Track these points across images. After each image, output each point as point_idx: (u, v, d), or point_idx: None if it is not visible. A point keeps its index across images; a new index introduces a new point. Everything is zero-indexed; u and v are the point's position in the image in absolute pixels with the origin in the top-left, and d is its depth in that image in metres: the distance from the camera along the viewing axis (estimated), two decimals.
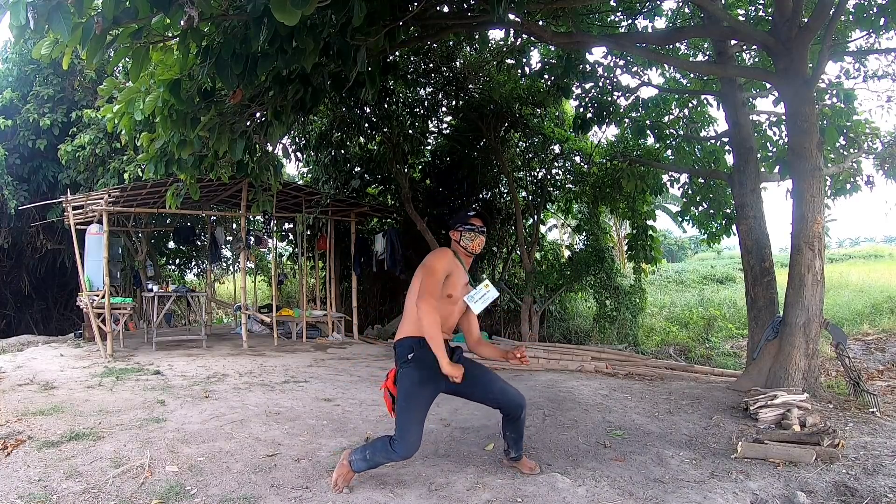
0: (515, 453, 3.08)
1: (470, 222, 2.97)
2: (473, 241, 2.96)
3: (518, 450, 3.08)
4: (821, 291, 4.69)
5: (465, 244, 2.97)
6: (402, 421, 2.72)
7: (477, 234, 2.97)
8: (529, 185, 10.81)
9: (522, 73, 8.58)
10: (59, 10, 2.17)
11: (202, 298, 10.03)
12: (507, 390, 2.96)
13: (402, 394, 2.75)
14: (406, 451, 2.71)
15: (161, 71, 3.40)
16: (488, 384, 2.93)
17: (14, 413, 4.13)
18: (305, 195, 9.31)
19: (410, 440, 2.70)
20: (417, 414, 2.74)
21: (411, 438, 2.70)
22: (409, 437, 2.69)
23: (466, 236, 2.96)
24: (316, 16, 3.01)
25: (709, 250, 22.53)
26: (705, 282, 17.69)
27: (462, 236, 2.97)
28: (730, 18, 5.54)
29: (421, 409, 2.77)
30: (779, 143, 7.27)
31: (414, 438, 2.71)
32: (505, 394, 2.94)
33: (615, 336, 9.98)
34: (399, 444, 2.70)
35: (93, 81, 9.52)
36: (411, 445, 2.71)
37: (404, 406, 2.73)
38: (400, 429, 2.71)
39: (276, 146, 5.40)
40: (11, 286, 11.68)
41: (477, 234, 2.97)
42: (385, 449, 2.74)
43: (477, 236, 2.97)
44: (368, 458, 2.79)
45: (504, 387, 2.97)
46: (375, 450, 2.78)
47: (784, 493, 2.81)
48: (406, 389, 2.74)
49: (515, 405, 2.95)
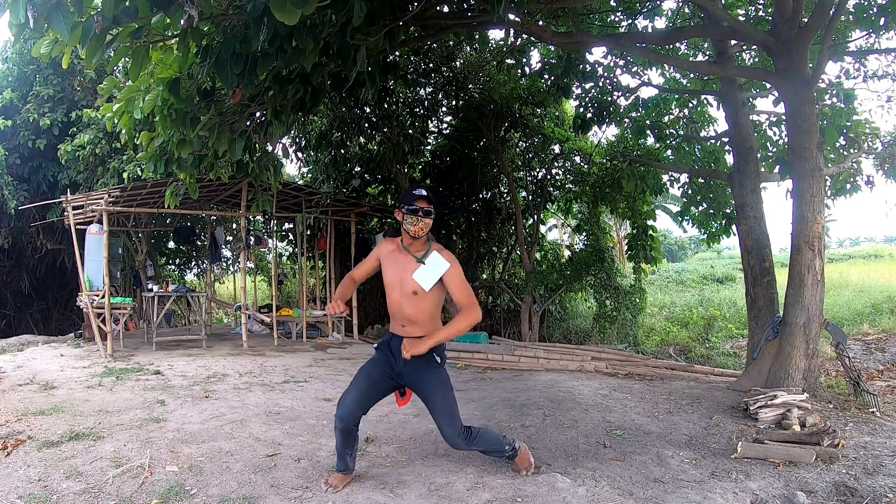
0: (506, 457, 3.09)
1: (414, 203, 2.73)
2: (416, 225, 2.73)
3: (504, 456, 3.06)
4: (821, 291, 4.69)
5: (406, 227, 2.77)
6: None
7: (420, 218, 2.72)
8: (529, 185, 10.82)
9: (522, 73, 8.59)
10: (58, 8, 2.17)
11: (202, 298, 10.03)
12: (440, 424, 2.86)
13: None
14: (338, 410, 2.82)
15: (161, 70, 3.39)
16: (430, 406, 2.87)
17: (14, 413, 4.13)
18: (305, 195, 9.31)
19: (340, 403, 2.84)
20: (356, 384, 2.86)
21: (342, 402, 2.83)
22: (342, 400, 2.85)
23: (408, 220, 2.74)
24: (316, 15, 3.01)
25: (709, 250, 22.53)
26: (705, 282, 17.69)
27: (404, 219, 2.76)
28: (730, 18, 5.54)
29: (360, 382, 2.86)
30: (779, 143, 7.27)
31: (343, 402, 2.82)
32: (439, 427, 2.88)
33: (615, 336, 9.98)
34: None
35: (93, 81, 9.52)
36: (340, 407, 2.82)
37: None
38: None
39: (276, 146, 5.40)
40: (11, 286, 11.68)
41: (420, 218, 2.72)
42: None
43: (419, 220, 2.72)
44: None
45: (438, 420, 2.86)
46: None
47: (784, 493, 2.81)
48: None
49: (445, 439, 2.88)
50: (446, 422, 2.82)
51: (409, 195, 2.77)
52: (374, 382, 2.86)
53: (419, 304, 2.79)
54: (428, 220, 2.75)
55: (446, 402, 2.83)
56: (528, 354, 6.98)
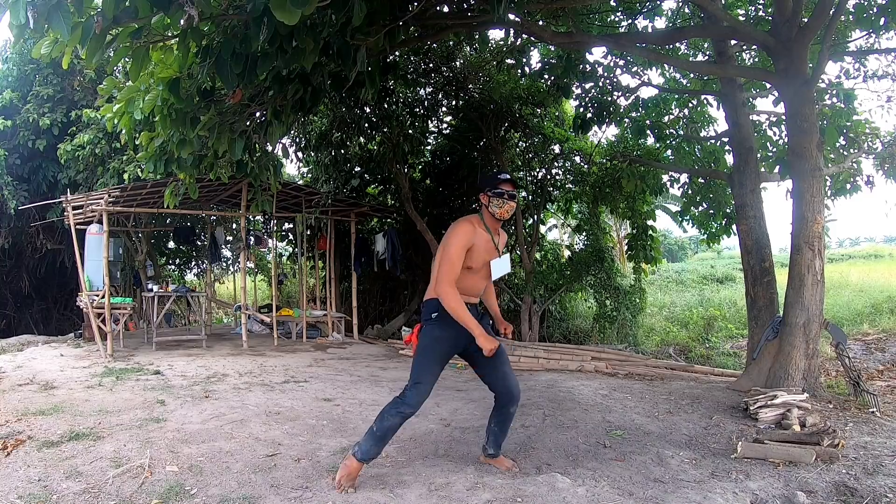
0: (493, 450, 3.12)
1: (499, 186, 2.82)
2: (502, 208, 2.84)
3: (496, 447, 3.12)
4: (821, 291, 4.69)
5: (493, 210, 2.86)
6: (416, 372, 2.83)
7: (506, 201, 2.83)
8: (529, 185, 10.81)
9: (522, 73, 8.58)
10: (58, 9, 2.17)
11: (202, 298, 10.03)
12: (508, 376, 2.99)
13: (420, 347, 2.87)
14: (416, 399, 2.78)
15: (161, 70, 3.39)
16: (496, 363, 2.94)
17: (14, 413, 4.13)
18: (305, 195, 9.31)
19: (422, 390, 2.79)
20: (432, 366, 2.85)
21: (423, 388, 2.80)
22: (421, 387, 2.79)
23: (495, 202, 2.84)
24: (316, 15, 3.01)
25: (709, 250, 22.50)
26: (705, 282, 17.69)
27: (490, 202, 2.85)
28: (730, 18, 5.54)
29: (436, 363, 2.87)
30: (779, 143, 7.27)
31: (425, 388, 2.80)
32: (505, 379, 2.98)
33: (615, 336, 9.98)
34: (411, 393, 2.79)
35: (92, 81, 9.52)
36: (422, 395, 2.79)
37: (421, 359, 2.85)
38: (414, 379, 2.82)
39: (276, 146, 5.40)
40: (11, 286, 11.68)
41: (506, 201, 2.83)
42: (395, 405, 2.82)
43: (506, 202, 2.83)
44: (377, 430, 2.82)
45: (507, 372, 2.99)
46: (383, 417, 2.83)
47: (784, 493, 2.81)
48: (425, 344, 2.87)
49: (509, 394, 2.99)
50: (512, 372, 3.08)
51: (494, 179, 2.87)
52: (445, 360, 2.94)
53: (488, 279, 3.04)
54: (513, 203, 2.88)
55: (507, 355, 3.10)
56: (528, 354, 6.98)
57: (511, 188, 2.85)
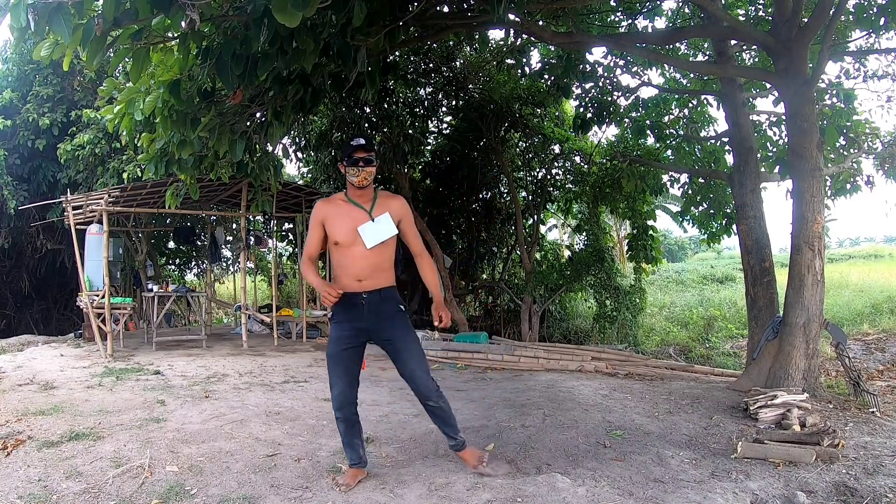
0: (451, 443, 3.05)
1: (353, 155, 2.75)
2: (358, 176, 2.76)
3: (452, 439, 3.03)
4: (821, 291, 4.69)
5: (350, 179, 2.80)
6: (329, 377, 2.88)
7: (361, 168, 2.75)
8: (529, 185, 10.82)
9: (522, 73, 8.59)
10: (59, 11, 2.17)
11: (202, 298, 10.04)
12: (415, 375, 2.87)
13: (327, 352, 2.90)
14: (337, 403, 2.84)
15: (161, 71, 3.40)
16: (404, 361, 2.86)
17: (14, 413, 4.13)
18: (305, 195, 9.31)
19: (335, 393, 2.84)
20: (337, 368, 2.83)
21: (336, 392, 2.83)
22: (335, 390, 2.84)
23: (350, 171, 2.76)
24: (316, 16, 3.01)
25: (709, 250, 22.52)
26: (705, 282, 17.69)
27: (347, 171, 2.78)
28: (730, 18, 5.54)
29: (340, 364, 2.83)
30: (779, 143, 7.27)
31: (337, 391, 2.83)
32: (412, 378, 2.88)
33: (615, 336, 9.99)
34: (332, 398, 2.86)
35: (92, 81, 9.52)
36: (338, 398, 2.83)
37: (328, 363, 2.89)
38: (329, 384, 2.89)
39: (276, 146, 5.40)
40: (11, 286, 11.69)
41: (361, 168, 2.75)
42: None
43: (361, 170, 2.75)
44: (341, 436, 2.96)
45: (414, 368, 2.87)
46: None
47: (784, 493, 2.81)
48: (328, 349, 2.89)
49: (417, 391, 2.90)
50: (422, 367, 2.86)
51: (347, 147, 2.79)
52: (350, 356, 2.84)
53: (384, 251, 2.84)
54: (370, 169, 2.78)
55: (420, 349, 2.89)
56: (528, 354, 6.98)
57: (365, 154, 2.76)
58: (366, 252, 2.78)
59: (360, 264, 2.80)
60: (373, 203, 2.85)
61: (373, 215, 2.80)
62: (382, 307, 2.84)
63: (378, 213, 2.81)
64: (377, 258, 2.81)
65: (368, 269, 2.80)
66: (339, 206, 2.85)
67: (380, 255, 2.83)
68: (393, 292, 2.90)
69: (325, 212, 2.85)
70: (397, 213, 2.88)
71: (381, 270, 2.85)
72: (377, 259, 2.82)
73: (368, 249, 2.77)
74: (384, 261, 2.86)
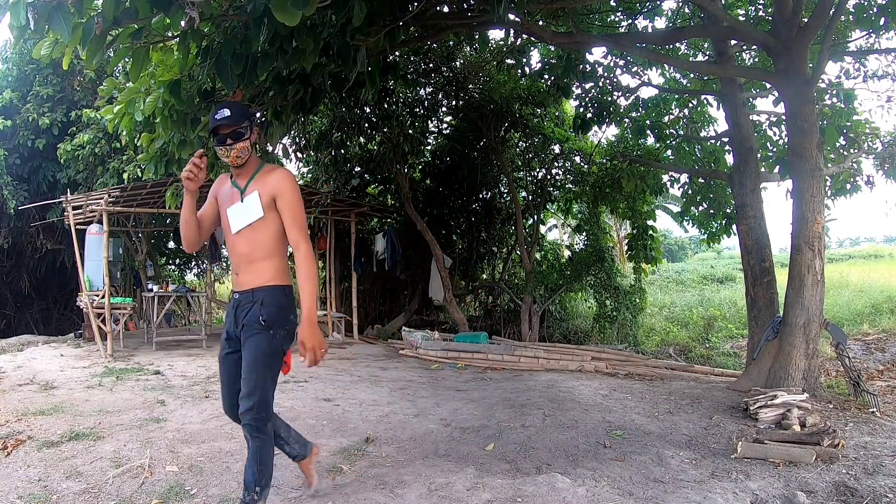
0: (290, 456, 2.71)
1: (217, 132, 2.32)
2: (227, 157, 2.34)
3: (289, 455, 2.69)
4: (821, 291, 4.69)
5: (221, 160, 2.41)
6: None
7: (228, 148, 2.31)
8: (529, 185, 10.82)
9: (522, 73, 8.58)
10: (59, 10, 2.17)
11: (202, 298, 10.03)
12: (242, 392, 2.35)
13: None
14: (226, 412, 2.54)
15: (161, 71, 3.40)
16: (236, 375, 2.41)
17: (14, 413, 4.13)
18: (305, 195, 9.30)
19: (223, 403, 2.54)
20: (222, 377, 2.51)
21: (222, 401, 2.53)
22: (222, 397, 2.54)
23: (219, 151, 2.35)
24: (316, 16, 3.01)
25: (709, 250, 22.51)
26: (705, 282, 17.67)
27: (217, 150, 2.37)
28: (730, 18, 5.54)
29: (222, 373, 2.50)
30: (779, 143, 7.27)
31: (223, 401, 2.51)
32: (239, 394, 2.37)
33: (615, 336, 9.98)
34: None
35: (92, 81, 9.52)
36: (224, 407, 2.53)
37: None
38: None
39: (276, 146, 5.41)
40: (11, 286, 11.68)
41: (228, 148, 2.31)
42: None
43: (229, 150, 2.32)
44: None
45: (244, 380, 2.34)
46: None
47: (784, 493, 2.81)
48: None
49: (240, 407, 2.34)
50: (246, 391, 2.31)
51: (211, 121, 2.34)
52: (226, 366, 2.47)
53: (256, 239, 2.35)
54: (242, 145, 2.32)
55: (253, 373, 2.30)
56: (528, 354, 6.98)
57: (231, 128, 2.29)
58: (235, 239, 2.38)
59: (233, 255, 2.42)
60: (250, 180, 2.39)
61: (244, 195, 2.36)
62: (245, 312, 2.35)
63: (250, 192, 2.36)
64: (246, 247, 2.35)
65: (240, 262, 2.39)
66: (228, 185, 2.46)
67: (249, 244, 2.35)
68: (271, 295, 2.35)
69: (217, 189, 2.49)
70: (272, 189, 2.33)
71: (254, 263, 2.35)
72: (247, 248, 2.35)
73: (235, 235, 2.37)
74: (257, 251, 2.35)
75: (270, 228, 2.35)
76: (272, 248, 2.37)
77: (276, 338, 2.33)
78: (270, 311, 2.32)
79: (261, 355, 2.31)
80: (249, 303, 2.34)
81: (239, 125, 2.31)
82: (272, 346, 2.33)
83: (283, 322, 2.35)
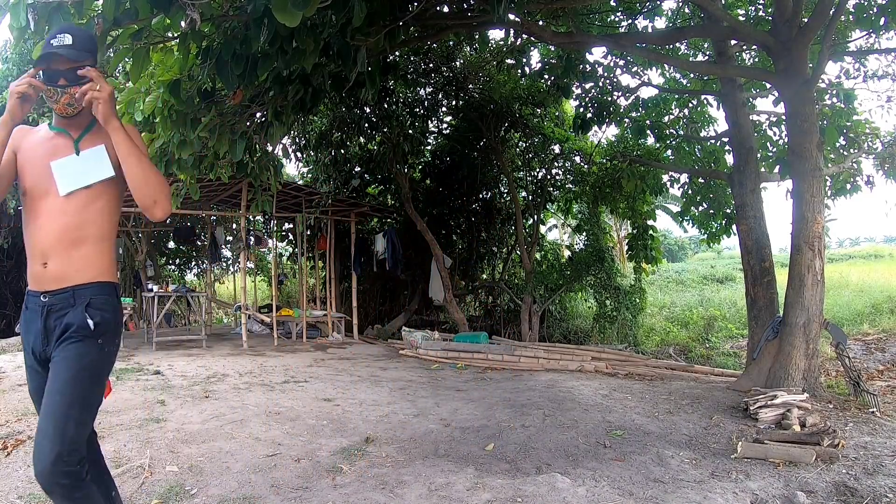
0: None
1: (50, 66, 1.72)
2: (58, 103, 1.75)
3: None
4: (821, 291, 4.69)
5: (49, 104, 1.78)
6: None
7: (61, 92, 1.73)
8: (529, 185, 10.83)
9: (522, 73, 8.59)
10: (59, 11, 2.17)
11: (202, 298, 10.04)
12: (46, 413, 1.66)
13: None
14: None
15: (161, 72, 3.40)
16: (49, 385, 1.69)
17: (14, 413, 4.14)
18: (305, 195, 9.32)
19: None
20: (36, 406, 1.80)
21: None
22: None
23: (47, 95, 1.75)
24: (316, 16, 3.01)
25: (709, 250, 22.51)
26: (705, 282, 17.68)
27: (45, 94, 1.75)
28: (730, 18, 5.55)
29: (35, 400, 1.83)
30: (779, 143, 7.28)
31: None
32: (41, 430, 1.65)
33: (615, 336, 9.99)
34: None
35: None
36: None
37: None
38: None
39: (276, 146, 5.40)
40: (11, 286, 11.69)
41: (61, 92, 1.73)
42: None
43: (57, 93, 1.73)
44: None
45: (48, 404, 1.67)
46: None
47: (784, 493, 2.82)
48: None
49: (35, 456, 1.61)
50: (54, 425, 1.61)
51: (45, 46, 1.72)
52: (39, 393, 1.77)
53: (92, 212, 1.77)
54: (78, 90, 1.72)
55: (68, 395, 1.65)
56: (528, 354, 6.98)
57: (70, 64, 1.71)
58: (58, 204, 1.74)
59: (47, 228, 1.75)
60: (86, 130, 1.83)
61: (79, 147, 1.79)
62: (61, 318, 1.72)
63: (89, 146, 1.79)
64: (75, 218, 1.74)
65: (59, 238, 1.73)
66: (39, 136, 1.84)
67: (78, 215, 1.74)
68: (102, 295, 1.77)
69: (19, 140, 1.81)
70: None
71: (78, 246, 1.74)
72: (75, 219, 1.74)
73: (62, 198, 1.74)
74: (88, 227, 1.76)
75: (114, 200, 1.81)
76: (106, 229, 1.80)
77: (106, 352, 1.76)
78: (105, 315, 1.74)
79: (84, 371, 1.69)
80: (68, 307, 1.71)
81: (81, 61, 1.73)
82: (100, 361, 1.74)
83: (116, 332, 1.80)
